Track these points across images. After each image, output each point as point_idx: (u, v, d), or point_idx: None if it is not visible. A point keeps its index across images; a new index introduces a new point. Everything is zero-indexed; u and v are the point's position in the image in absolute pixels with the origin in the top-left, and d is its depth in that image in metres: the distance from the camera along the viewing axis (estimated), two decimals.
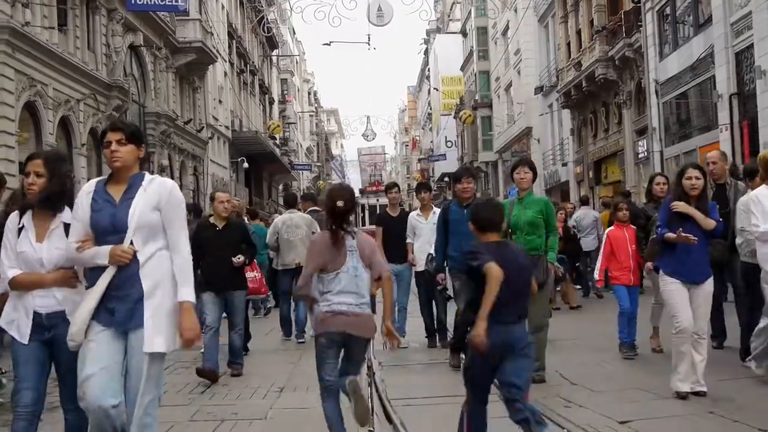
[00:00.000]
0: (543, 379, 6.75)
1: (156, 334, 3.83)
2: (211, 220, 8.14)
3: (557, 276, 10.86)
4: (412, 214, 9.43)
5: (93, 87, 20.83)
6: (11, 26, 16.03)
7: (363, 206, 36.67)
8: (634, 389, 6.52)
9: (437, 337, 9.18)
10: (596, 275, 8.09)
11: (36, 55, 17.43)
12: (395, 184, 10.56)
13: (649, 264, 7.10)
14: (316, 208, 10.90)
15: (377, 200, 36.07)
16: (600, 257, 8.29)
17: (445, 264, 8.13)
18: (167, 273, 3.94)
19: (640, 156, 24.14)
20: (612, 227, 8.36)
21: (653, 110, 22.42)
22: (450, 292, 8.31)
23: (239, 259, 7.91)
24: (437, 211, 8.93)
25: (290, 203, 11.20)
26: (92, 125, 20.97)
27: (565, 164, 32.99)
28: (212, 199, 8.49)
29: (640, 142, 24.09)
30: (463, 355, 6.76)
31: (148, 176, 4.04)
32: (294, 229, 10.09)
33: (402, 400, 6.44)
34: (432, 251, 8.42)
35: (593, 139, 29.58)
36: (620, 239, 8.15)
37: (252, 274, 9.38)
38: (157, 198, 3.93)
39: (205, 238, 7.89)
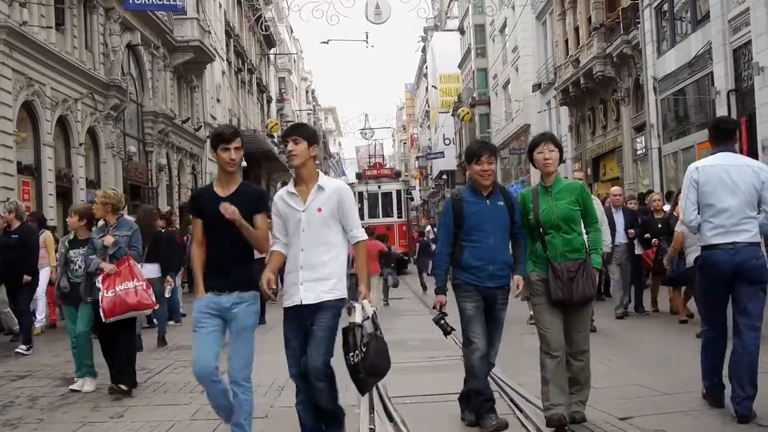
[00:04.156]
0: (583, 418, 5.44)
1: None
2: None
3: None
4: (281, 193, 5.08)
5: (91, 86, 20.78)
6: (9, 26, 15.97)
7: (362, 194, 30.13)
8: (634, 386, 6.53)
9: None
10: None
11: (33, 55, 17.38)
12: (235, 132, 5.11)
13: None
14: None
15: (379, 187, 31.46)
16: None
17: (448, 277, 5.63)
18: None
19: (638, 153, 24.17)
20: None
21: (651, 107, 22.43)
22: (445, 322, 5.47)
23: None
24: (335, 186, 5.18)
25: None
26: (90, 125, 20.94)
27: (563, 161, 32.97)
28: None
29: (638, 139, 24.11)
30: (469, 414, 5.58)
31: None
32: None
33: (402, 398, 6.45)
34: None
35: (591, 136, 29.58)
36: None
37: (129, 285, 7.05)
38: None
39: None
